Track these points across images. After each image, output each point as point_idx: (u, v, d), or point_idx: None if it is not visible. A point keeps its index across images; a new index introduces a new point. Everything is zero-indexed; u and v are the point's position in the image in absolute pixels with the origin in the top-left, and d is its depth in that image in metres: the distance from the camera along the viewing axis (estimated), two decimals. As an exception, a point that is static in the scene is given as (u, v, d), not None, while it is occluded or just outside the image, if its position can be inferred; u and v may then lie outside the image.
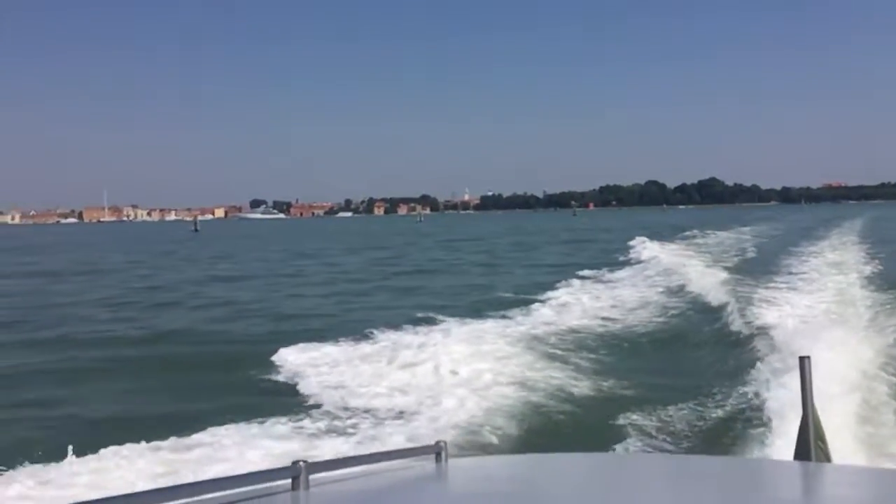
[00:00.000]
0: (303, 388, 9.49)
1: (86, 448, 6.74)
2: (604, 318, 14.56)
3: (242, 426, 7.70)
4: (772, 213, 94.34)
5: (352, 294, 21.63)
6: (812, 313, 13.69)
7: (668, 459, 3.23)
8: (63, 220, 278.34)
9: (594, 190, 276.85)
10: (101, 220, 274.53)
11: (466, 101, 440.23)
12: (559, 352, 11.41)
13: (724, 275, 19.93)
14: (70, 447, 6.63)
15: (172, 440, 7.16)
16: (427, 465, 2.49)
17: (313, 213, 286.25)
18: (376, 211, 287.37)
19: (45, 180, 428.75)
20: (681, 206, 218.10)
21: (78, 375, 11.07)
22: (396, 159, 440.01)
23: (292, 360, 10.89)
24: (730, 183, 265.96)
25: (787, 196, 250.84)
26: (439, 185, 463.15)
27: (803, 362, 2.79)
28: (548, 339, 12.26)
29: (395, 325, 13.34)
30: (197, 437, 7.33)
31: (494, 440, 7.39)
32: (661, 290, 18.50)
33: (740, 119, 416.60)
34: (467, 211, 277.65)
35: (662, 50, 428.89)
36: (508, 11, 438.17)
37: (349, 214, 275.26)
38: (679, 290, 18.00)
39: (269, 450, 7.00)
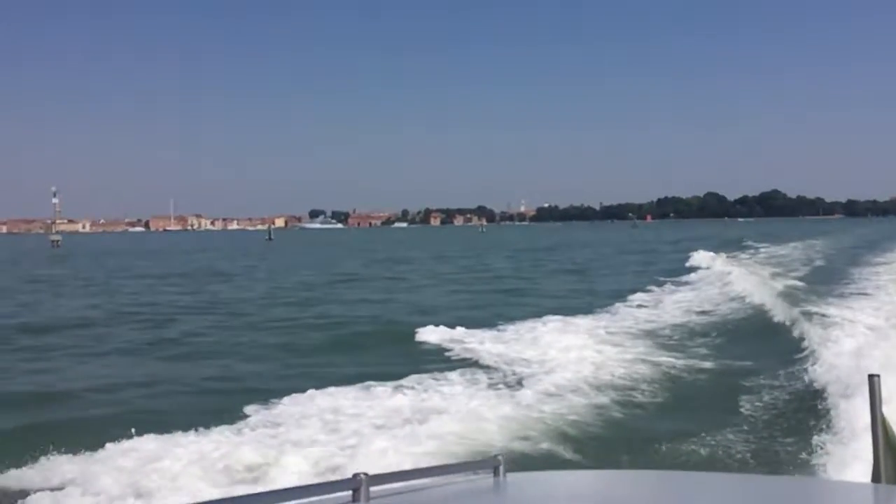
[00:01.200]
0: (467, 354, 12.54)
1: (349, 389, 9.91)
2: (672, 327, 15.17)
3: (431, 379, 10.57)
4: (837, 227, 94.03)
5: (464, 293, 24.76)
6: (881, 329, 13.18)
7: (735, 480, 3.12)
8: (131, 229, 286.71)
9: (652, 202, 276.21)
10: (167, 228, 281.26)
11: (523, 111, 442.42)
12: (647, 353, 12.43)
13: (790, 288, 20.02)
14: (350, 388, 9.72)
15: (393, 386, 10.11)
16: (485, 479, 2.52)
17: (370, 224, 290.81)
18: (432, 221, 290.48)
19: (113, 190, 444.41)
20: (740, 219, 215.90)
21: (311, 349, 14.29)
22: (452, 170, 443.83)
23: (442, 336, 14.24)
24: (792, 195, 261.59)
25: (853, 209, 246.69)
26: (494, 195, 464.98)
27: (872, 381, 2.68)
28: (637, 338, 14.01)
29: (514, 320, 16.25)
30: (408, 382, 10.27)
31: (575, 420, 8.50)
32: (728, 302, 18.72)
33: (804, 129, 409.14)
34: (523, 222, 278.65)
35: (716, 61, 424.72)
36: (562, 23, 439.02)
37: (404, 225, 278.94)
38: (744, 303, 18.12)
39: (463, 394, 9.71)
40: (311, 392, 9.63)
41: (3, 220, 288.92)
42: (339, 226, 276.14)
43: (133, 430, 7.81)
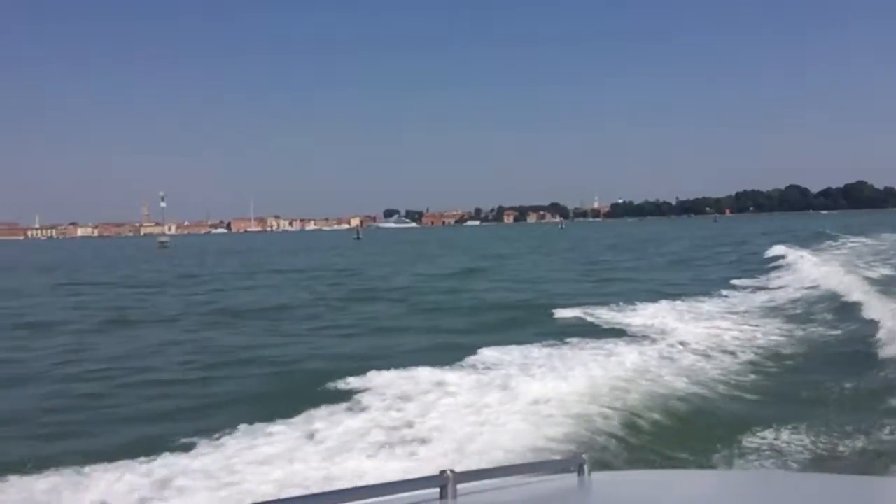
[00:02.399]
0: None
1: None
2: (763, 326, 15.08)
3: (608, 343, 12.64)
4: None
5: (586, 282, 26.98)
6: None
7: (833, 481, 2.94)
8: (213, 231, 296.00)
9: (730, 196, 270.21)
10: (248, 230, 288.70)
11: (594, 107, 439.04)
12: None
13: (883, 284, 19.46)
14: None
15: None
16: (569, 479, 2.50)
17: (444, 222, 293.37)
18: (506, 219, 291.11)
19: (196, 193, 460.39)
20: (823, 211, 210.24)
21: (489, 326, 16.60)
22: (525, 167, 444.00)
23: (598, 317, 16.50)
24: (879, 186, 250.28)
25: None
26: (567, 192, 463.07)
27: None
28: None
29: (644, 302, 18.37)
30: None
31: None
32: (820, 298, 18.50)
33: (892, 116, 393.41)
34: (597, 218, 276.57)
35: (804, 51, 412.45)
36: (646, 17, 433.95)
37: (477, 223, 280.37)
38: (837, 301, 17.67)
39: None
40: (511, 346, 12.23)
41: (95, 223, 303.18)
42: (414, 225, 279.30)
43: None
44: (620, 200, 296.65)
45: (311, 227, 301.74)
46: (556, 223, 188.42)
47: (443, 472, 2.13)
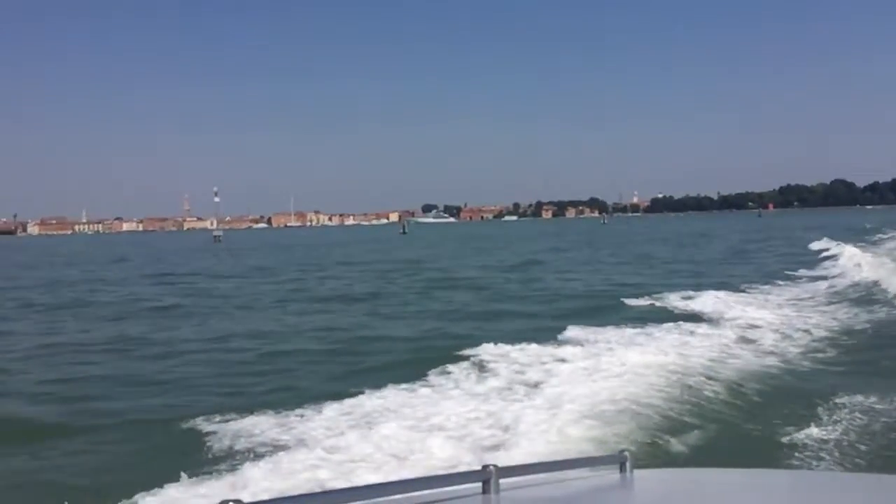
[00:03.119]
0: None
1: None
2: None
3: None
4: None
5: (649, 274, 28.29)
6: None
7: (877, 481, 2.79)
8: (254, 226, 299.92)
9: (773, 190, 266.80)
10: (288, 224, 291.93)
11: (631, 100, 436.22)
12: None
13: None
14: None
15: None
16: (611, 475, 2.52)
17: (482, 217, 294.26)
18: (544, 214, 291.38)
19: (237, 188, 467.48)
20: (868, 207, 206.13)
21: (570, 313, 18.13)
22: (562, 162, 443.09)
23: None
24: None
25: None
26: (606, 187, 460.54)
27: None
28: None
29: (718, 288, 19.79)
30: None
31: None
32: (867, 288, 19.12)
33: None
34: (636, 213, 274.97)
35: (841, 41, 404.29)
36: (684, 7, 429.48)
37: (514, 218, 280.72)
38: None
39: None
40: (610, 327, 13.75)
41: (139, 218, 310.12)
42: (452, 220, 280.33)
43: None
44: (660, 195, 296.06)
45: (349, 221, 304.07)
46: (595, 218, 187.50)
47: (486, 466, 2.16)
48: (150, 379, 11.58)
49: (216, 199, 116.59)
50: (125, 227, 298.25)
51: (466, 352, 11.50)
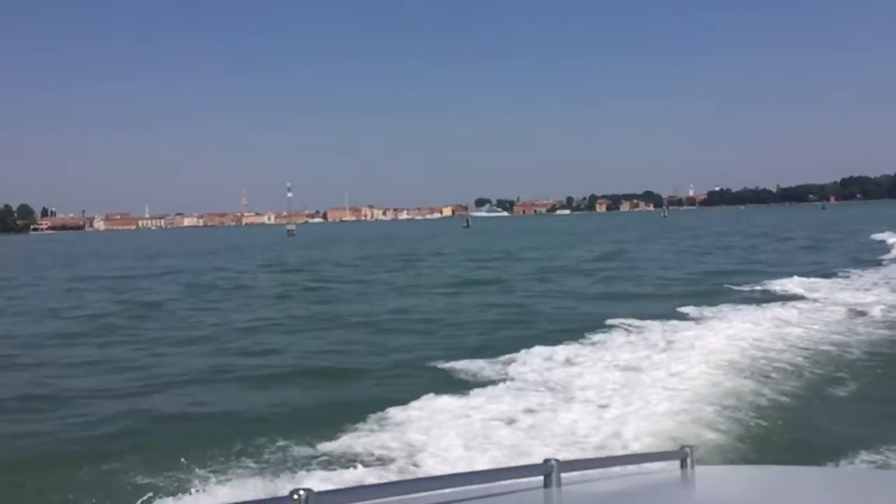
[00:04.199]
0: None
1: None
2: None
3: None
4: None
5: (736, 264, 30.08)
6: None
7: None
8: (310, 220, 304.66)
9: (835, 182, 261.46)
10: (343, 219, 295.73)
11: (688, 91, 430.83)
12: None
13: None
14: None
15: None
16: (673, 470, 2.53)
17: (535, 211, 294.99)
18: (598, 208, 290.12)
19: (294, 183, 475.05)
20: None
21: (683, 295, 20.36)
22: (616, 155, 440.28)
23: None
24: None
25: None
26: (660, 180, 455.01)
27: None
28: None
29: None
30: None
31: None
32: None
33: None
34: (692, 207, 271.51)
35: None
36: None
37: (567, 212, 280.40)
38: None
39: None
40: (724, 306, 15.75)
41: (199, 214, 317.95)
42: (505, 214, 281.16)
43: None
44: (717, 188, 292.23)
45: (403, 216, 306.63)
46: (651, 212, 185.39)
47: (547, 460, 2.17)
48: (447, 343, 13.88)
49: (289, 195, 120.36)
50: (186, 221, 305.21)
51: (626, 321, 13.86)
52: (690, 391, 8.68)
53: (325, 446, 7.20)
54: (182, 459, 6.74)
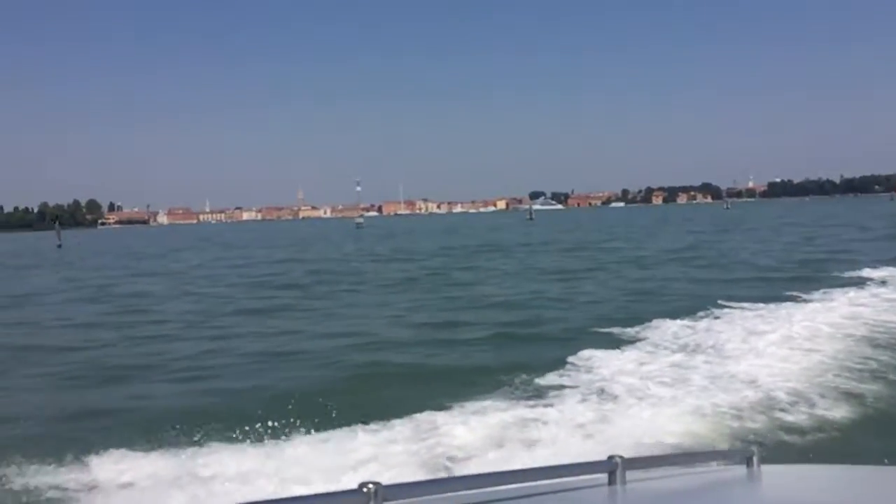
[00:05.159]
0: None
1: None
2: None
3: None
4: None
5: (826, 253, 31.30)
6: None
7: None
8: (366, 214, 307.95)
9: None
10: (398, 213, 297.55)
11: (747, 79, 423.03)
12: None
13: None
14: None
15: None
16: (738, 470, 2.48)
17: (589, 204, 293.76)
18: (654, 200, 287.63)
19: (349, 176, 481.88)
20: None
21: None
22: (673, 146, 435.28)
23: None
24: None
25: None
26: (718, 171, 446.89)
27: None
28: None
29: None
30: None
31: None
32: None
33: None
34: (751, 199, 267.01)
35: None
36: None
37: (622, 205, 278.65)
38: None
39: None
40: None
41: (258, 208, 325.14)
42: (560, 207, 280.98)
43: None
44: (778, 179, 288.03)
45: (457, 209, 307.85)
46: (709, 204, 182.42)
47: (611, 457, 2.15)
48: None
49: (358, 189, 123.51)
50: (245, 216, 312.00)
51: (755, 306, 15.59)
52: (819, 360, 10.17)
53: (550, 379, 9.73)
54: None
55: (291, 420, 7.67)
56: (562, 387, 9.29)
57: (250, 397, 9.66)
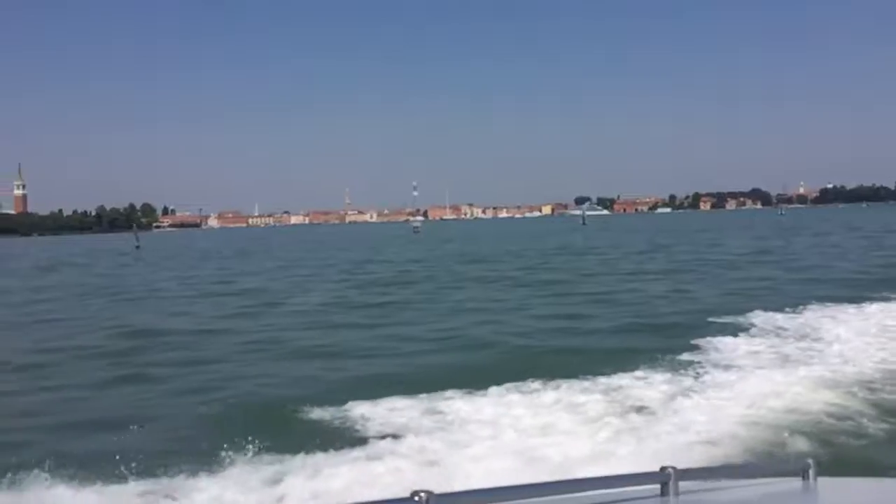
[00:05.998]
0: None
1: None
2: None
3: None
4: None
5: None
6: None
7: None
8: (411, 219, 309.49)
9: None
10: (443, 217, 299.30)
11: (796, 80, 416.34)
12: None
13: None
14: None
15: None
16: (794, 482, 2.44)
17: (636, 209, 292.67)
18: (702, 206, 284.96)
19: (395, 181, 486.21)
20: None
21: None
22: (722, 150, 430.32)
23: None
24: None
25: None
26: (767, 176, 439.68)
27: None
28: None
29: None
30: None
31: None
32: None
33: None
34: (802, 205, 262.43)
35: None
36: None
37: (668, 210, 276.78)
38: None
39: None
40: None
41: (305, 212, 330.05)
42: (606, 212, 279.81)
43: None
44: (830, 185, 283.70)
45: (503, 214, 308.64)
46: (758, 209, 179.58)
47: (664, 468, 2.15)
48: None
49: (415, 194, 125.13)
50: (293, 219, 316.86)
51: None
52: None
53: (687, 356, 11.56)
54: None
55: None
56: (700, 362, 11.20)
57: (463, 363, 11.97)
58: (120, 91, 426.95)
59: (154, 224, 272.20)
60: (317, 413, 9.10)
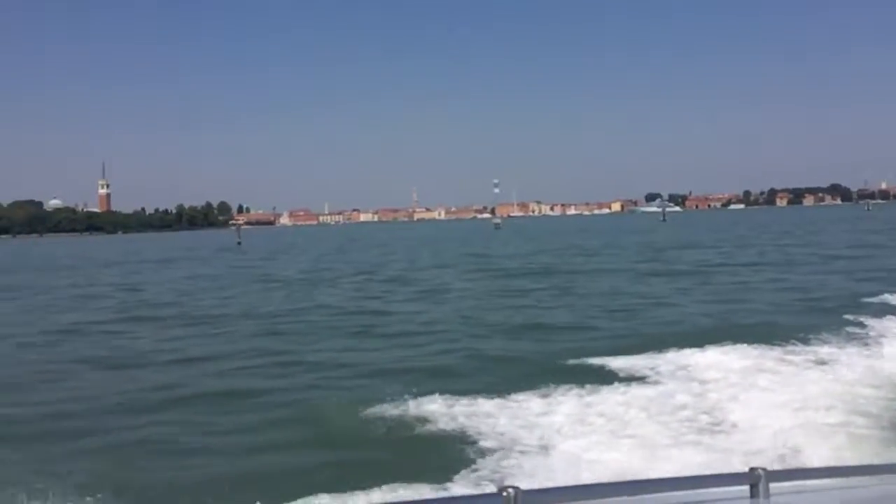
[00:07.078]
0: None
1: None
2: None
3: None
4: None
5: None
6: None
7: None
8: (479, 216, 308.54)
9: None
10: (511, 214, 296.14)
11: (878, 70, 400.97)
12: None
13: None
14: None
15: None
16: (892, 482, 2.41)
17: (709, 206, 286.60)
18: (778, 202, 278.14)
19: (462, 179, 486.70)
20: None
21: None
22: (797, 144, 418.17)
23: None
24: None
25: None
26: (847, 172, 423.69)
27: None
28: None
29: None
30: None
31: None
32: None
33: None
34: (885, 200, 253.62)
35: None
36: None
37: (741, 207, 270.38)
38: None
39: None
40: None
41: (374, 209, 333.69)
42: (677, 209, 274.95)
43: None
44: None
45: (571, 211, 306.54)
46: (838, 205, 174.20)
47: (754, 469, 2.10)
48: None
49: (496, 191, 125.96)
50: (362, 217, 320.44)
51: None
52: None
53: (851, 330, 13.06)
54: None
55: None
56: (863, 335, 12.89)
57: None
58: (197, 93, 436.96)
59: (230, 222, 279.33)
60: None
